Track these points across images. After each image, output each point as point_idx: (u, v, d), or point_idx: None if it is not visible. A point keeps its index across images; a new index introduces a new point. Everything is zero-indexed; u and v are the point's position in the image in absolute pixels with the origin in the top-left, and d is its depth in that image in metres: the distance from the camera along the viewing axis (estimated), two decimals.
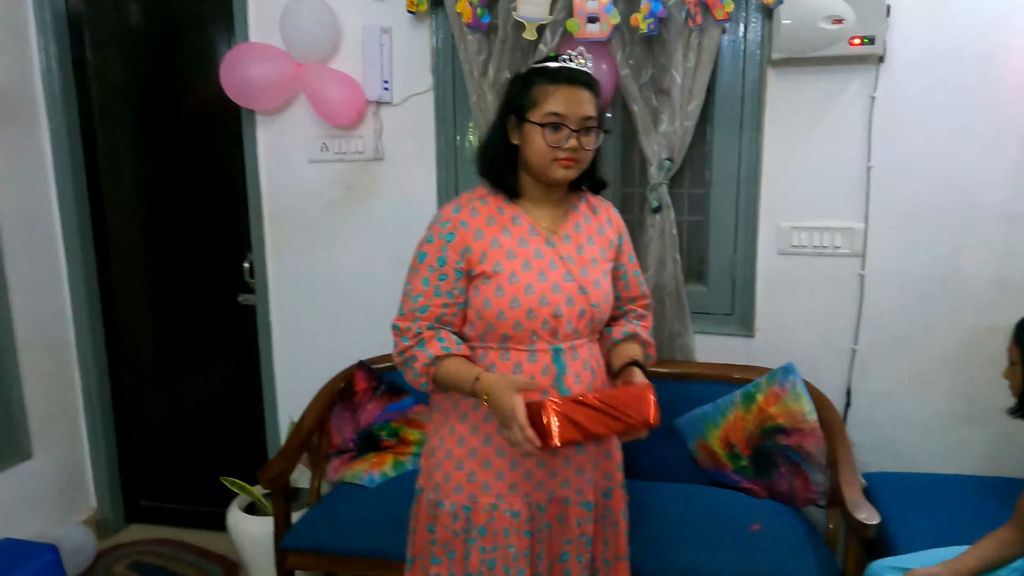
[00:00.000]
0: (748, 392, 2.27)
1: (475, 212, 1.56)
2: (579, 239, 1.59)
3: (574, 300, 1.54)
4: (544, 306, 1.51)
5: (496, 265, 1.52)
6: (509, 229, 1.55)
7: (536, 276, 1.52)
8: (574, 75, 1.50)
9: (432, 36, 2.43)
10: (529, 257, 1.54)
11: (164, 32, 2.72)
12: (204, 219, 2.82)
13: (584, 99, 1.48)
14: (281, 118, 2.58)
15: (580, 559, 1.62)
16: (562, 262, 1.55)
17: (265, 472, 2.21)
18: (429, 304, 1.53)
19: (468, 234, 1.53)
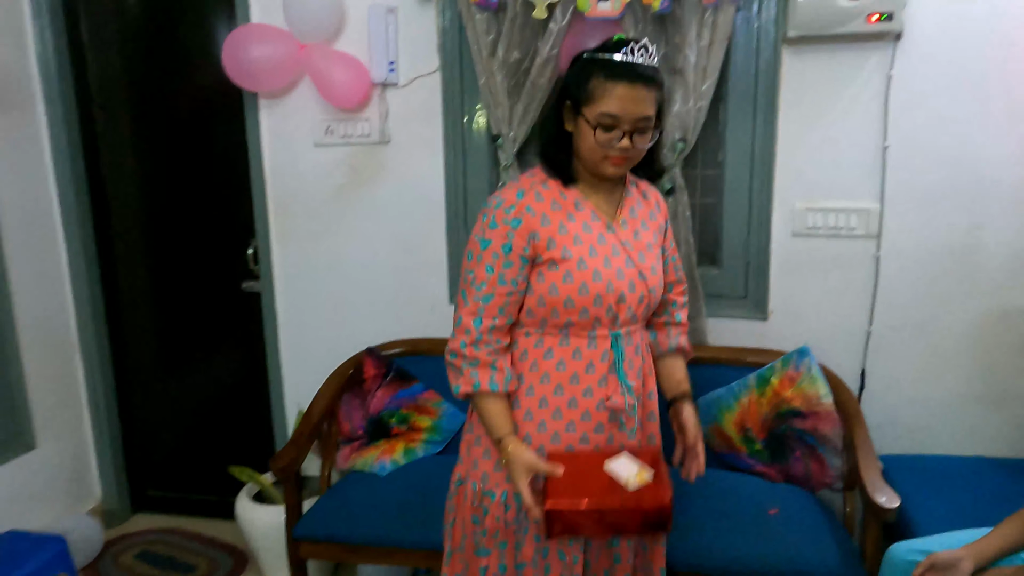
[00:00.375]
0: (763, 375, 2.25)
1: (539, 197, 1.51)
2: (635, 224, 1.58)
3: (635, 286, 1.53)
4: (610, 293, 1.50)
5: (564, 251, 1.49)
6: (573, 215, 1.52)
7: (602, 262, 1.50)
8: (635, 71, 1.41)
9: (439, 16, 2.37)
10: (594, 243, 1.51)
11: (163, 13, 2.65)
12: (206, 205, 2.77)
13: (642, 98, 1.42)
14: (284, 101, 2.53)
15: (629, 543, 1.63)
16: (623, 248, 1.54)
17: (276, 461, 2.18)
18: (493, 293, 1.49)
19: (535, 219, 1.48)
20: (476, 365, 1.51)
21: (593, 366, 1.53)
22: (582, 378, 1.53)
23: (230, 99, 2.57)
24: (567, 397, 1.54)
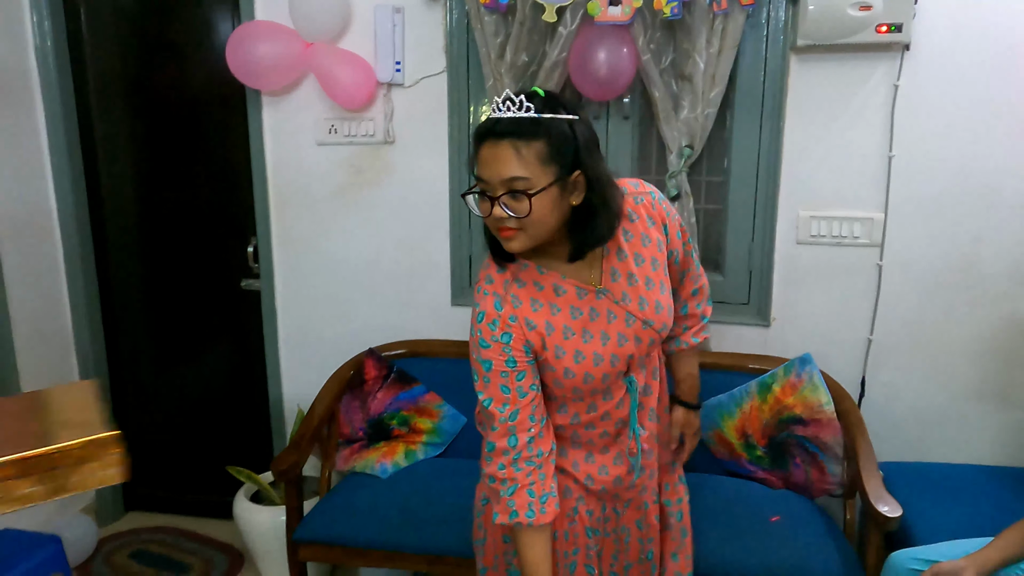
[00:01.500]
0: (764, 382, 2.26)
1: (517, 301, 1.37)
2: (626, 267, 1.40)
3: (641, 338, 1.42)
4: (615, 364, 1.40)
5: (557, 350, 1.37)
6: (555, 303, 1.38)
7: (600, 342, 1.38)
8: (495, 128, 1.23)
9: (447, 16, 2.36)
10: (586, 324, 1.39)
11: (163, 7, 2.62)
12: (206, 202, 2.74)
13: (505, 157, 1.22)
14: (288, 99, 2.51)
15: (651, 555, 1.63)
16: (618, 307, 1.40)
17: (277, 464, 2.17)
18: (518, 408, 1.36)
19: (521, 327, 1.36)
20: (514, 491, 1.37)
21: (609, 414, 1.46)
22: (597, 425, 1.48)
23: (232, 95, 2.55)
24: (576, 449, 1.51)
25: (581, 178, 1.27)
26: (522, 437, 1.36)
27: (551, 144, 1.23)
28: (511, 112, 1.24)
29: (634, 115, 2.37)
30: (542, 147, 1.23)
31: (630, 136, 2.39)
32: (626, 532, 1.59)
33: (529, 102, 1.24)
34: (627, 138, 2.39)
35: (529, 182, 1.23)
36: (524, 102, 1.23)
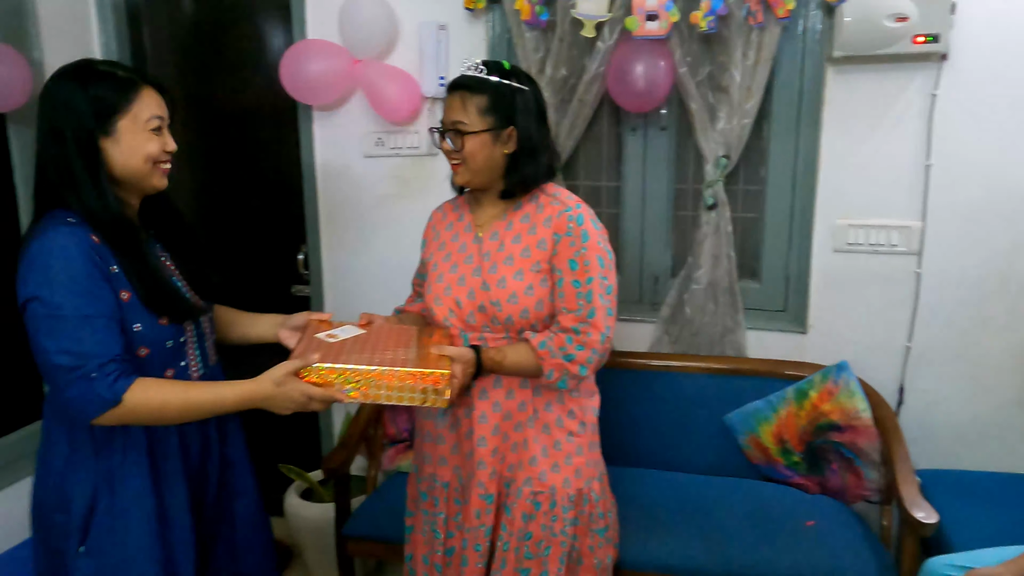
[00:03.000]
0: (801, 388, 2.29)
1: (440, 208, 1.83)
2: (505, 237, 1.65)
3: (475, 295, 1.63)
4: (447, 295, 1.67)
5: (431, 256, 1.77)
6: (454, 224, 1.75)
7: (450, 267, 1.68)
8: (455, 82, 1.62)
9: (488, 33, 2.44)
10: (454, 251, 1.70)
11: (220, 25, 2.76)
12: (259, 211, 2.87)
13: (455, 105, 1.59)
14: (337, 113, 2.62)
15: (477, 548, 1.69)
16: (479, 258, 1.66)
17: (327, 462, 2.27)
18: (413, 284, 1.93)
19: (429, 228, 1.83)
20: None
21: None
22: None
23: (284, 110, 2.66)
24: None
25: (514, 133, 1.60)
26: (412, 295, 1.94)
27: (492, 99, 1.57)
28: (467, 71, 1.60)
29: (671, 126, 2.42)
30: (483, 101, 1.57)
31: (667, 147, 2.44)
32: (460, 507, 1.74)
33: (484, 67, 1.59)
34: (664, 149, 2.44)
35: (464, 124, 1.58)
36: (479, 65, 1.59)
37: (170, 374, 1.49)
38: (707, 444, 2.39)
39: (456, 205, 1.78)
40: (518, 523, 1.67)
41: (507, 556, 1.67)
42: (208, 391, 1.45)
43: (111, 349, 1.34)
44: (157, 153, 1.47)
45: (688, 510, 2.16)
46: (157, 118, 1.46)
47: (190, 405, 1.42)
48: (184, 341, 1.52)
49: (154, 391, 1.38)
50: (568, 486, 1.67)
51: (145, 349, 1.43)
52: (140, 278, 1.41)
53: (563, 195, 1.66)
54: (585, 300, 1.56)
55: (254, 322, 1.85)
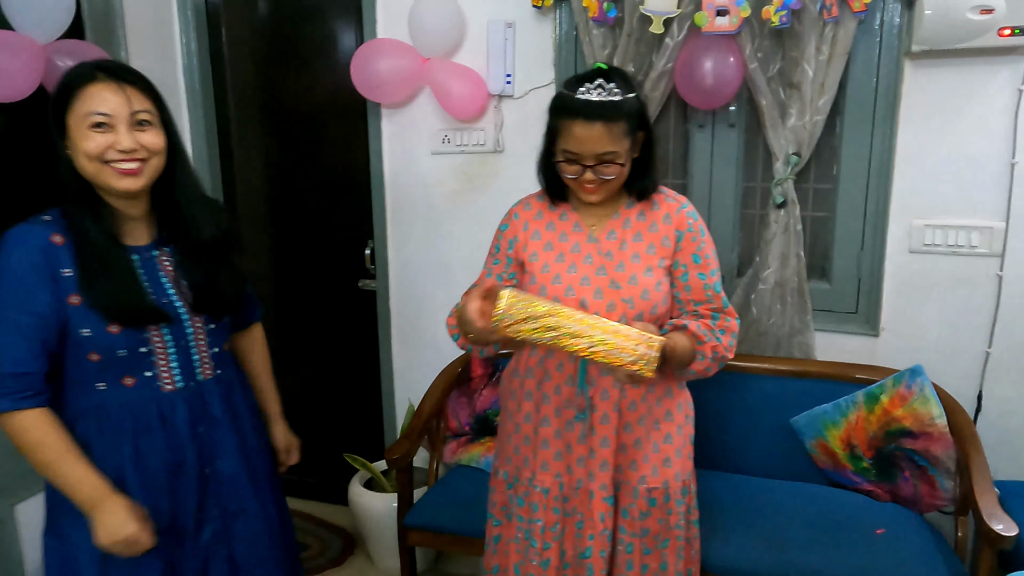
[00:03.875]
0: (872, 393, 2.23)
1: (528, 206, 1.71)
2: (625, 235, 1.62)
3: (603, 293, 1.58)
4: (570, 296, 1.59)
5: (532, 255, 1.65)
6: (555, 223, 1.67)
7: (567, 268, 1.61)
8: (588, 110, 1.46)
9: (555, 30, 2.45)
10: (566, 251, 1.63)
11: (293, 26, 2.84)
12: (328, 207, 2.95)
13: (598, 135, 1.47)
14: (405, 111, 2.66)
15: (603, 554, 1.66)
16: (600, 257, 1.61)
17: (391, 452, 2.31)
18: (481, 283, 1.72)
19: (518, 225, 1.70)
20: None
21: (562, 365, 1.65)
22: (553, 375, 1.66)
23: (354, 108, 2.73)
24: (540, 393, 1.68)
25: (641, 138, 1.56)
26: None
27: (630, 120, 1.50)
28: (600, 95, 1.47)
29: (740, 123, 2.38)
30: (624, 124, 1.49)
31: (735, 144, 2.40)
32: (579, 515, 1.68)
33: (610, 83, 1.49)
34: (732, 146, 2.40)
35: (617, 155, 1.50)
36: (610, 87, 1.48)
37: (129, 382, 1.45)
38: (772, 447, 2.35)
39: (551, 203, 1.69)
40: (637, 523, 1.67)
41: (632, 558, 1.67)
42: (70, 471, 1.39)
43: (17, 365, 1.34)
44: (96, 151, 1.36)
45: (752, 513, 2.13)
46: (99, 114, 1.36)
47: (49, 466, 1.38)
48: (150, 351, 1.45)
49: (35, 431, 1.36)
50: (679, 479, 1.69)
51: (96, 355, 1.40)
52: (90, 283, 1.37)
53: (669, 192, 1.68)
54: (713, 291, 1.63)
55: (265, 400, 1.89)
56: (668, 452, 1.68)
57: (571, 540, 1.69)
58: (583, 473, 1.66)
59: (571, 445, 1.66)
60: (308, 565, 2.77)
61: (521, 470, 1.72)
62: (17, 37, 2.12)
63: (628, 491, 1.67)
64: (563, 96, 1.52)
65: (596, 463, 1.65)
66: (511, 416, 1.75)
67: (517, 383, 1.73)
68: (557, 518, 1.68)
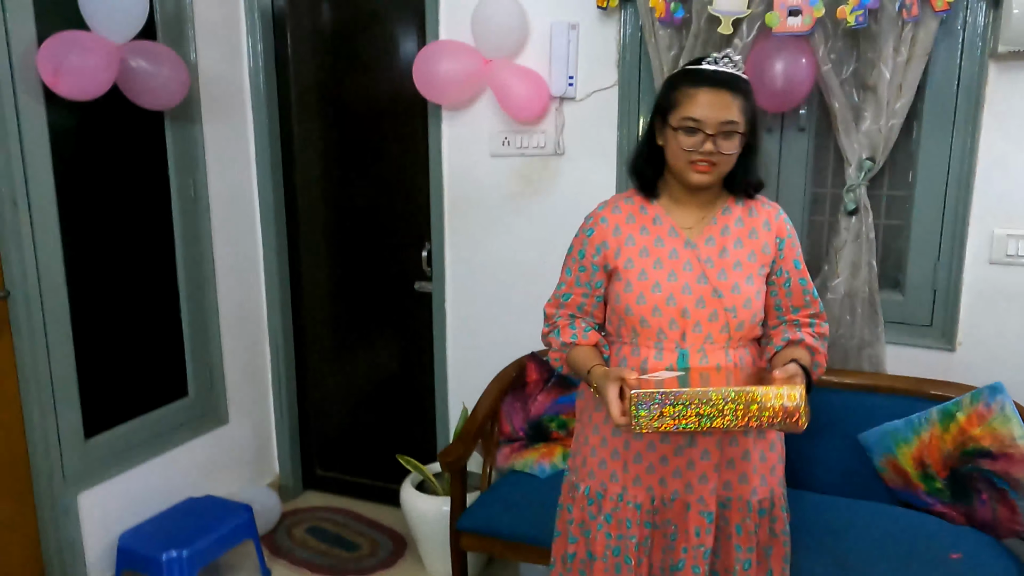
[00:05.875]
0: (947, 410, 2.12)
1: (617, 209, 1.63)
2: (724, 242, 1.57)
3: (706, 302, 1.53)
4: (671, 305, 1.54)
5: (628, 262, 1.58)
6: (648, 228, 1.59)
7: (666, 275, 1.55)
8: (718, 77, 1.48)
9: (620, 31, 2.41)
10: (663, 256, 1.57)
11: (356, 29, 2.86)
12: (386, 208, 2.96)
13: (725, 103, 1.46)
14: (466, 113, 2.65)
15: (696, 570, 1.60)
16: (699, 264, 1.55)
17: (446, 455, 2.30)
18: (571, 292, 1.65)
19: (607, 230, 1.61)
20: (557, 332, 1.65)
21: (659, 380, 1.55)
22: None
23: (414, 109, 2.73)
24: None
25: (749, 125, 1.51)
26: (564, 312, 1.67)
27: (748, 99, 1.49)
28: (728, 67, 1.49)
29: (810, 127, 2.31)
30: (743, 100, 1.48)
31: (805, 148, 2.33)
32: (672, 527, 1.63)
33: (734, 58, 1.51)
34: (802, 150, 2.33)
35: (737, 126, 1.48)
36: (736, 59, 1.51)
37: None
38: (839, 463, 2.26)
39: (640, 206, 1.61)
40: (752, 537, 1.63)
41: (748, 575, 1.63)
42: None
43: None
44: None
45: (821, 532, 2.04)
46: None
47: None
48: None
49: None
50: (782, 485, 1.67)
51: None
52: None
53: (762, 197, 1.65)
54: (812, 296, 1.63)
55: None
56: (773, 460, 1.65)
57: (659, 553, 1.65)
58: (679, 485, 1.60)
59: (666, 457, 1.60)
60: (359, 565, 2.77)
61: (608, 485, 1.65)
62: (93, 38, 2.18)
63: (740, 506, 1.61)
64: (687, 69, 1.52)
65: (695, 475, 1.59)
66: (597, 429, 1.66)
67: (586, 417, 1.68)
68: (648, 532, 1.63)
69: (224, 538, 2.51)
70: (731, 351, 1.57)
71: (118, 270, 2.56)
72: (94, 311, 2.45)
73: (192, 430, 2.80)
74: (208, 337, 2.84)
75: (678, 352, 1.55)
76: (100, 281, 2.49)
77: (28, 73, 2.14)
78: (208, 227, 2.79)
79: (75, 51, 2.11)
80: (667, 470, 1.61)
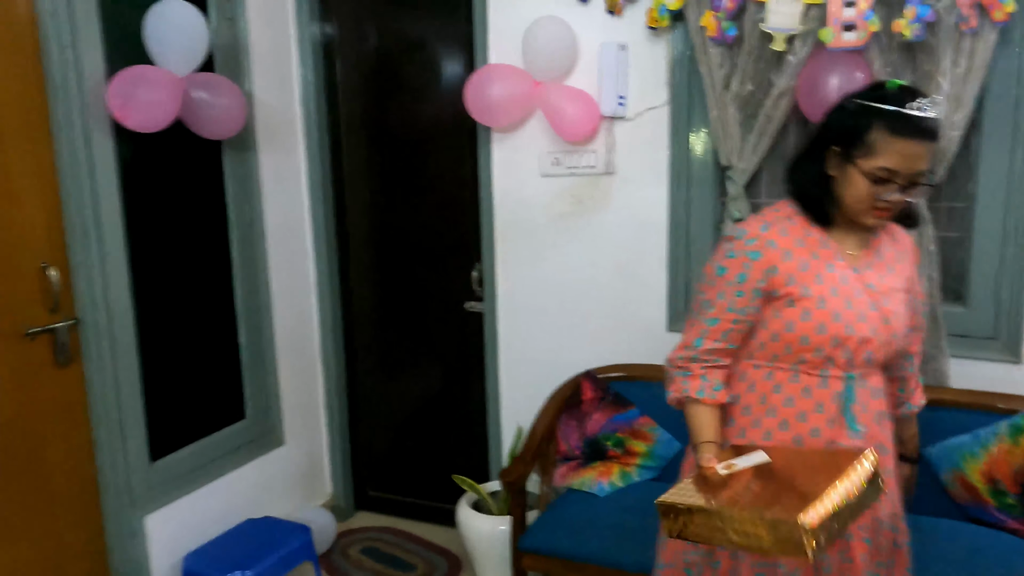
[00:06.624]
0: (1017, 424, 2.09)
1: (784, 232, 1.53)
2: (881, 268, 1.55)
3: (878, 330, 1.51)
4: (850, 335, 1.48)
5: (804, 288, 1.49)
6: (817, 252, 1.52)
7: (843, 303, 1.49)
8: (923, 128, 1.40)
9: (670, 50, 2.43)
10: (836, 283, 1.50)
11: (403, 55, 2.91)
12: (435, 229, 2.99)
13: (923, 154, 1.41)
14: (516, 134, 2.68)
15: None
16: (867, 290, 1.52)
17: (506, 475, 2.31)
18: (720, 318, 1.54)
19: (776, 254, 1.50)
20: (688, 376, 1.58)
21: (823, 407, 1.52)
22: (810, 417, 1.52)
23: (464, 132, 2.77)
24: (792, 434, 1.53)
25: None
26: (707, 343, 1.55)
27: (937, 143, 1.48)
28: (933, 110, 1.41)
29: None
30: (935, 146, 1.46)
31: None
32: (824, 560, 1.54)
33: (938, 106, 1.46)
34: None
35: (927, 175, 1.49)
36: (937, 102, 1.48)
37: None
38: None
39: (804, 228, 1.54)
40: (884, 553, 1.59)
41: None
42: None
43: None
44: None
45: None
46: None
47: None
48: None
49: None
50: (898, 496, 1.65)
51: None
52: None
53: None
54: (921, 316, 1.67)
55: None
56: (896, 474, 1.63)
57: None
58: None
59: None
60: None
61: None
62: (159, 72, 2.25)
63: (875, 526, 1.57)
64: (886, 111, 1.40)
65: None
66: None
67: (748, 421, 1.58)
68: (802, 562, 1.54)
69: (285, 559, 2.54)
70: (880, 374, 1.58)
71: (180, 296, 2.62)
72: (158, 337, 2.50)
73: (249, 452, 2.84)
74: (264, 360, 2.89)
75: (844, 377, 1.51)
76: (163, 307, 2.54)
77: (98, 107, 2.20)
78: (264, 253, 2.84)
79: (142, 85, 2.18)
80: None
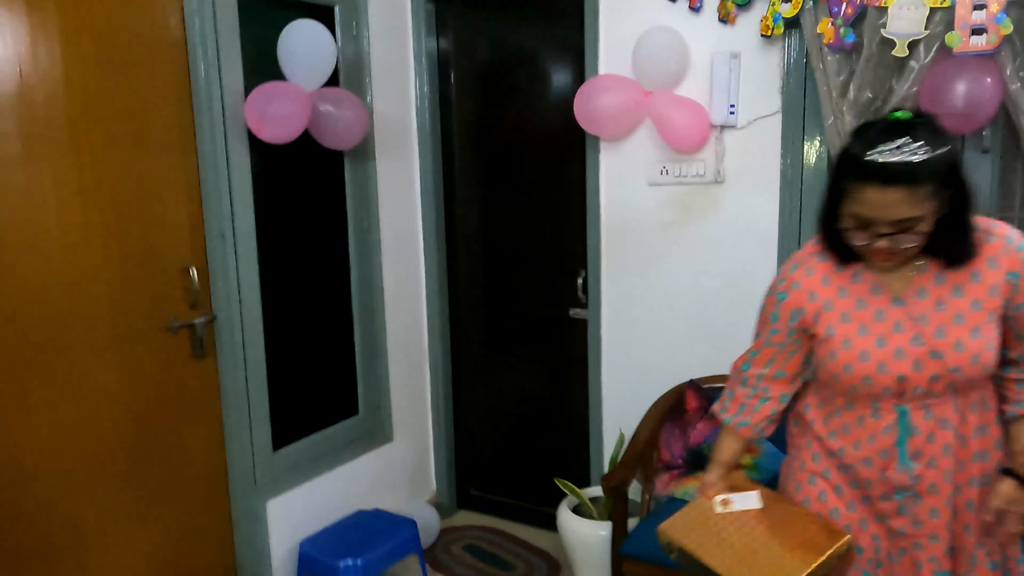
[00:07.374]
0: None
1: (810, 272, 1.50)
2: (940, 293, 1.41)
3: (923, 365, 1.40)
4: (883, 374, 1.42)
5: (828, 329, 1.47)
6: (846, 289, 1.47)
7: (874, 342, 1.42)
8: (885, 174, 1.25)
9: (783, 58, 2.40)
10: (867, 320, 1.44)
11: (514, 67, 3.00)
12: (541, 236, 3.06)
13: (895, 201, 1.26)
14: (624, 143, 2.71)
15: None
16: (911, 323, 1.41)
17: (609, 480, 2.33)
18: (759, 350, 1.61)
19: (800, 295, 1.50)
20: (732, 397, 1.65)
21: (874, 438, 1.48)
22: (863, 446, 1.49)
23: (573, 142, 2.82)
24: (845, 460, 1.52)
25: (947, 193, 1.31)
26: (754, 370, 1.61)
27: (935, 180, 1.28)
28: (901, 155, 1.25)
29: (995, 148, 2.21)
30: (930, 187, 1.27)
31: (990, 170, 2.22)
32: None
33: (917, 140, 1.25)
34: (986, 173, 2.23)
35: (919, 220, 1.30)
36: (915, 144, 1.25)
37: None
38: None
39: (835, 264, 1.47)
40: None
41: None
42: None
43: None
44: None
45: None
46: None
47: None
48: None
49: None
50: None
51: None
52: None
53: (986, 225, 1.41)
54: None
55: None
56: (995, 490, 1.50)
57: None
58: (906, 543, 1.50)
59: (888, 515, 1.50)
60: None
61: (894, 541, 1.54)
62: (290, 87, 2.41)
63: (966, 558, 1.50)
64: (851, 155, 1.31)
65: (923, 535, 1.48)
66: (816, 457, 1.57)
67: (803, 442, 1.61)
68: None
69: (394, 550, 2.65)
70: (959, 402, 1.44)
71: (303, 296, 2.79)
72: (282, 334, 2.68)
73: (362, 446, 2.98)
74: (377, 359, 3.03)
75: (896, 412, 1.45)
76: (288, 306, 2.72)
77: (236, 120, 2.39)
78: (379, 257, 2.98)
79: (276, 100, 2.35)
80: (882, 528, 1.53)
